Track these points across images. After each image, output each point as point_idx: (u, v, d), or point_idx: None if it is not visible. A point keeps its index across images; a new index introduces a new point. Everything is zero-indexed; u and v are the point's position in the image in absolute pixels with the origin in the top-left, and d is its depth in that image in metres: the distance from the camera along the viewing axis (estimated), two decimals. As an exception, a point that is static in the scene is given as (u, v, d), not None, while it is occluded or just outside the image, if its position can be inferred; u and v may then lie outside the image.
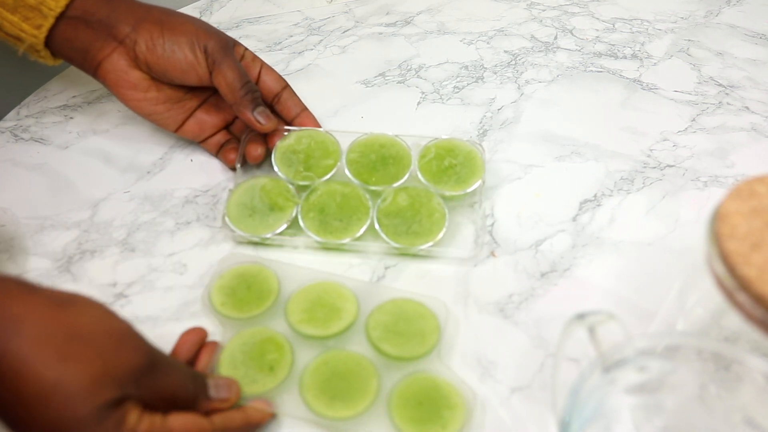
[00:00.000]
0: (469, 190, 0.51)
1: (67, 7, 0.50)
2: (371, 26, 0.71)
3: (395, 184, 0.51)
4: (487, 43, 0.69)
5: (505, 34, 0.70)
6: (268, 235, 0.49)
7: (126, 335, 0.36)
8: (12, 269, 0.48)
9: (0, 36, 0.52)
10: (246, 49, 0.55)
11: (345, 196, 0.50)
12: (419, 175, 0.52)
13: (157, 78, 0.52)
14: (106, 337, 0.34)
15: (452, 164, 0.52)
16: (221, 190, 0.54)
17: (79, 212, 0.52)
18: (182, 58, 0.50)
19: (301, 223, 0.49)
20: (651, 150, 0.58)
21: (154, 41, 0.50)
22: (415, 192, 0.50)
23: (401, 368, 0.42)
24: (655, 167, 0.57)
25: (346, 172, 0.52)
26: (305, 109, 0.56)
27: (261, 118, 0.51)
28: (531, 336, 0.45)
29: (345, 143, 0.53)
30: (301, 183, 0.51)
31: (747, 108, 0.63)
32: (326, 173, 0.52)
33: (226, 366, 0.41)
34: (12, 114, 0.61)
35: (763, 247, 0.32)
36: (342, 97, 0.63)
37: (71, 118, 0.60)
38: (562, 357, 0.38)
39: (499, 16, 0.73)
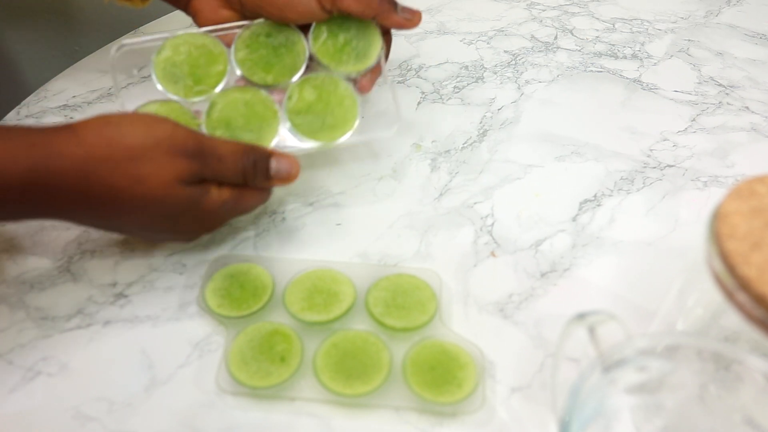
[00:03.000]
0: (371, 65, 0.50)
1: None
2: (371, 26, 0.71)
3: (295, 78, 0.49)
4: (487, 43, 0.69)
5: (505, 34, 0.70)
6: None
7: (172, 144, 0.41)
8: (12, 269, 0.48)
9: None
10: None
11: (248, 103, 0.48)
12: (318, 59, 0.50)
13: (253, 17, 0.50)
14: (157, 151, 0.41)
15: (347, 40, 0.50)
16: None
17: (79, 212, 0.52)
18: None
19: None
20: (651, 150, 0.58)
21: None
22: (319, 81, 0.49)
23: (407, 338, 0.44)
24: (655, 167, 0.57)
25: (238, 73, 0.49)
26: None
27: (407, 15, 0.50)
28: (531, 336, 0.45)
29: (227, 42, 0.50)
30: (195, 100, 0.48)
31: (747, 108, 0.63)
32: (219, 81, 0.49)
33: (237, 364, 0.41)
34: (12, 114, 0.61)
35: (763, 247, 0.32)
36: (342, 97, 0.63)
37: (71, 118, 0.60)
38: (562, 357, 0.38)
39: (499, 16, 0.73)
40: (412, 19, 0.50)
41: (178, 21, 0.60)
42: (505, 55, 0.68)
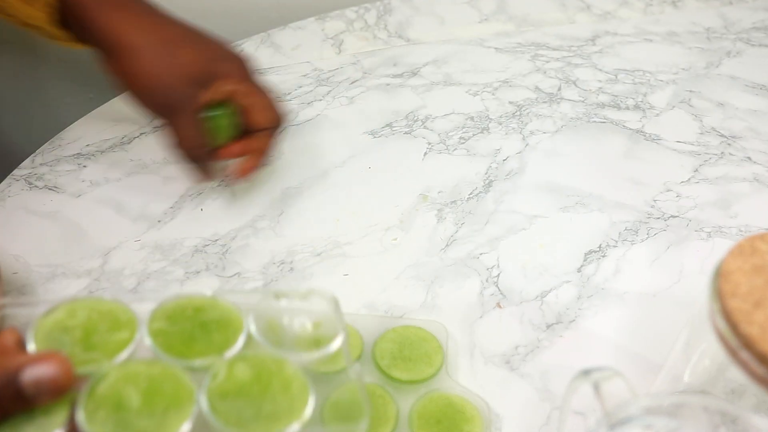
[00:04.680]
0: (333, 346, 0.38)
1: None
2: (379, 77, 0.73)
3: (228, 354, 0.36)
4: (493, 94, 0.71)
5: (510, 86, 0.72)
6: None
7: None
8: (23, 318, 0.49)
9: (19, 26, 0.51)
10: (237, 87, 0.52)
11: (153, 379, 0.33)
12: (258, 340, 0.37)
13: None
14: None
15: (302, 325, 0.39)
16: (231, 239, 0.55)
17: (90, 260, 0.53)
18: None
19: (84, 427, 0.30)
20: (655, 200, 0.59)
21: (128, 82, 0.51)
22: (257, 360, 0.36)
23: (414, 391, 0.44)
24: (659, 218, 0.57)
25: (149, 344, 0.35)
26: (261, 153, 0.54)
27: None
28: (537, 388, 0.45)
29: (143, 312, 0.37)
30: (81, 371, 0.33)
31: (749, 158, 0.64)
32: (119, 351, 0.34)
33: None
34: (27, 162, 0.62)
35: (766, 305, 0.32)
36: (350, 148, 0.64)
37: (84, 166, 0.62)
38: (568, 412, 0.38)
39: (504, 68, 0.74)
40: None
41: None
42: (509, 106, 0.69)
